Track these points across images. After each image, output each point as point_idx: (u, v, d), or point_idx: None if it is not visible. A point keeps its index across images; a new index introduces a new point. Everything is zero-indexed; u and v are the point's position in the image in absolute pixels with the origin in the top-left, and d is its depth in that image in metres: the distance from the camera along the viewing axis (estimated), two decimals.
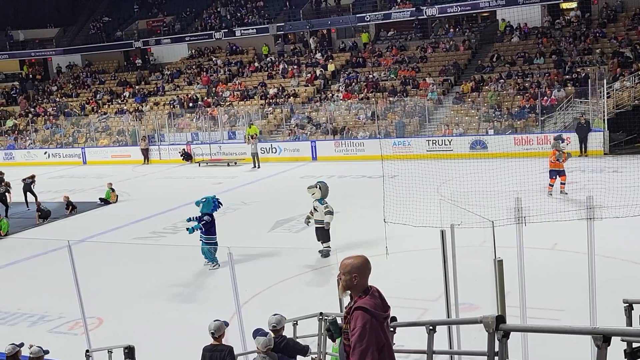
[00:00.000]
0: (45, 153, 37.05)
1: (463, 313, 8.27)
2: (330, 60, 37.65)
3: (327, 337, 7.51)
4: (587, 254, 7.43)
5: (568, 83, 28.89)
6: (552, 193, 18.35)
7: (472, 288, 9.39)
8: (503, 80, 30.79)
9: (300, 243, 15.61)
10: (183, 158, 32.79)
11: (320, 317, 7.72)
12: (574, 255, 11.91)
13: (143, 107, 39.07)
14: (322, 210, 14.24)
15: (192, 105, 37.14)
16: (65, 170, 33.10)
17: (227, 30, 42.43)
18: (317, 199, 14.39)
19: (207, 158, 32.30)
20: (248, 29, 42.03)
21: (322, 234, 14.36)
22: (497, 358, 4.12)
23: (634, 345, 3.69)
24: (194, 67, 42.01)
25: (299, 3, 42.55)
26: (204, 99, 37.58)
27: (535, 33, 33.88)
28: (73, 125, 39.30)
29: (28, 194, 23.53)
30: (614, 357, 3.57)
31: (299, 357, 7.56)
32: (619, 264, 12.15)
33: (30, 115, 41.98)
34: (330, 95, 34.26)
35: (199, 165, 31.58)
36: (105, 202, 23.00)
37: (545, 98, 28.28)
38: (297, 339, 8.02)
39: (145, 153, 33.80)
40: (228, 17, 44.09)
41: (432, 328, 5.19)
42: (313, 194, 14.46)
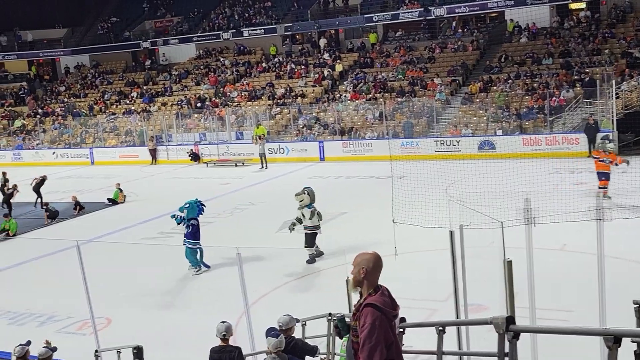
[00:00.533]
0: (54, 153, 37.17)
1: (472, 314, 8.25)
2: (338, 61, 37.63)
3: (335, 337, 7.52)
4: (596, 255, 7.40)
5: (577, 84, 28.76)
6: (609, 196, 16.53)
7: (480, 289, 9.35)
8: (511, 81, 30.69)
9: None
10: (191, 158, 32.84)
11: (329, 317, 7.71)
12: (583, 256, 11.86)
13: (151, 107, 39.17)
14: (310, 215, 14.24)
15: (199, 106, 37.20)
16: (73, 171, 33.20)
17: (234, 31, 42.47)
18: (305, 205, 14.38)
19: (214, 158, 32.34)
20: (256, 29, 42.07)
21: (311, 240, 14.34)
22: (506, 359, 4.11)
23: None
24: (202, 67, 42.08)
25: (307, 3, 42.56)
26: (212, 100, 37.63)
27: (544, 33, 33.76)
28: (81, 126, 39.44)
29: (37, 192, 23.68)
30: (624, 358, 3.55)
31: (308, 357, 7.55)
32: (629, 265, 12.10)
33: (39, 116, 42.16)
34: (338, 96, 34.24)
35: (207, 166, 31.62)
36: (113, 202, 23.07)
37: (554, 98, 28.18)
38: (305, 340, 8.01)
39: (153, 153, 33.87)
40: (236, 17, 44.13)
41: (441, 329, 5.18)
42: (301, 201, 14.41)
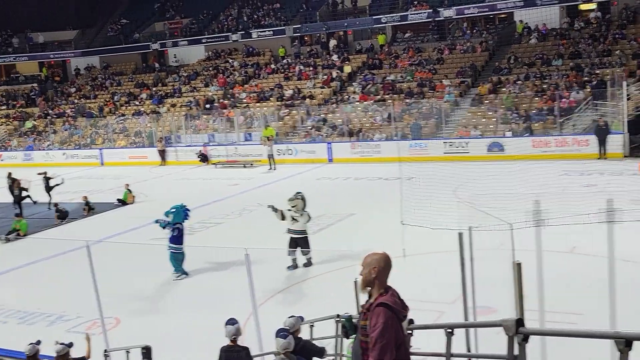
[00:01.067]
0: (64, 154, 37.34)
1: (480, 316, 8.21)
2: (347, 62, 37.62)
3: (343, 338, 7.51)
4: (606, 258, 7.35)
5: (587, 85, 28.60)
6: None
7: (489, 291, 9.32)
8: (521, 82, 30.56)
9: (316, 244, 15.58)
10: (200, 159, 32.90)
11: (337, 319, 7.70)
12: (593, 259, 11.80)
13: (160, 108, 39.29)
14: (306, 220, 14.42)
15: (208, 107, 37.29)
16: (83, 171, 33.33)
17: (243, 32, 42.56)
18: (301, 209, 14.49)
19: (223, 159, 32.37)
20: (264, 31, 42.13)
21: (304, 243, 14.45)
22: None
23: None
24: (211, 68, 42.18)
25: (316, 5, 42.59)
26: (221, 101, 37.70)
27: (554, 34, 33.62)
28: (91, 127, 39.61)
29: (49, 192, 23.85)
30: None
31: (315, 358, 7.55)
32: (639, 268, 12.01)
33: (49, 117, 42.38)
34: (347, 97, 34.23)
35: (215, 167, 31.67)
36: (123, 203, 23.16)
37: (564, 100, 28.04)
38: (313, 341, 8.01)
39: (162, 154, 33.97)
40: (245, 19, 44.22)
41: (450, 331, 5.16)
42: (294, 206, 14.50)
